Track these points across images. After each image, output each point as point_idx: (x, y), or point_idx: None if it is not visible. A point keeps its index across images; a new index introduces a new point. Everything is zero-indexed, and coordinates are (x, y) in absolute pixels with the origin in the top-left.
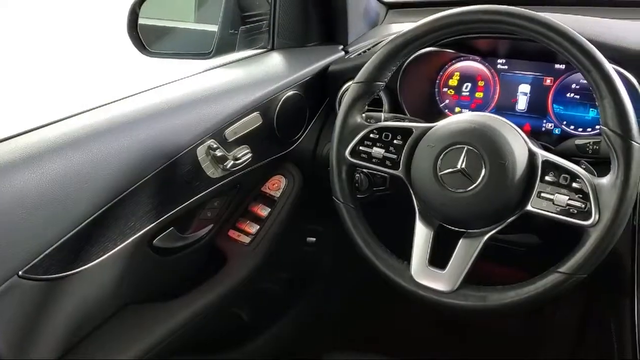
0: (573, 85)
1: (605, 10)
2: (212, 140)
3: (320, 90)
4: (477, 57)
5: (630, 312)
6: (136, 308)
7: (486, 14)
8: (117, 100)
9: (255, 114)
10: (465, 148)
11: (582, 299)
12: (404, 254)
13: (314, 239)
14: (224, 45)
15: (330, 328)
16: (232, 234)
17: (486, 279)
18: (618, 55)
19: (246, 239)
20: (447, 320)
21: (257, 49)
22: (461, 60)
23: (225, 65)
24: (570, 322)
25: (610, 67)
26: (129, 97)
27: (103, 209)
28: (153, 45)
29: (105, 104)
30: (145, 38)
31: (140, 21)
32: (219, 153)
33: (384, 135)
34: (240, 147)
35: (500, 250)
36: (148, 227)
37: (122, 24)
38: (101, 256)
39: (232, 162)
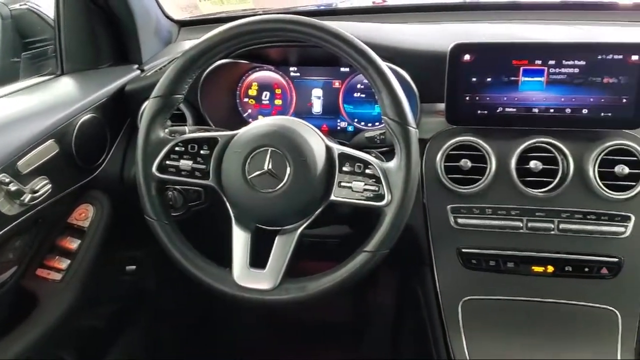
0: (358, 86)
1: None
2: (3, 174)
3: (119, 111)
4: (271, 67)
5: (432, 279)
6: None
7: (271, 22)
8: None
9: (50, 142)
10: (270, 150)
11: (396, 280)
12: (230, 261)
13: (134, 267)
14: (6, 75)
15: (165, 352)
16: (41, 272)
17: (309, 275)
18: (390, 54)
19: (57, 276)
20: (280, 320)
21: (45, 75)
22: (257, 71)
23: (9, 94)
24: (389, 303)
25: (383, 64)
26: None
27: None
28: None
29: None
30: None
31: None
32: (13, 187)
33: (190, 147)
34: (38, 178)
35: (317, 246)
36: None
37: None
38: None
39: (29, 195)
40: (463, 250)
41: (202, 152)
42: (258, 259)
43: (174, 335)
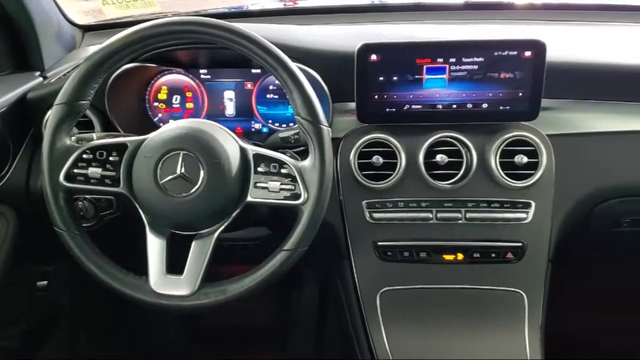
0: (270, 87)
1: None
2: None
3: (21, 120)
4: (180, 70)
5: (351, 275)
6: None
7: (176, 25)
8: None
9: None
10: (182, 153)
11: (318, 279)
12: (147, 269)
13: (46, 282)
14: None
15: None
16: None
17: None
18: (300, 54)
19: None
20: (204, 325)
21: None
22: (166, 74)
23: None
24: (312, 301)
25: (293, 65)
26: None
27: None
28: None
29: None
30: None
31: None
32: None
33: (98, 154)
34: None
35: (237, 249)
36: None
37: None
38: None
39: None
40: (379, 243)
41: (111, 158)
42: (177, 265)
43: (93, 348)
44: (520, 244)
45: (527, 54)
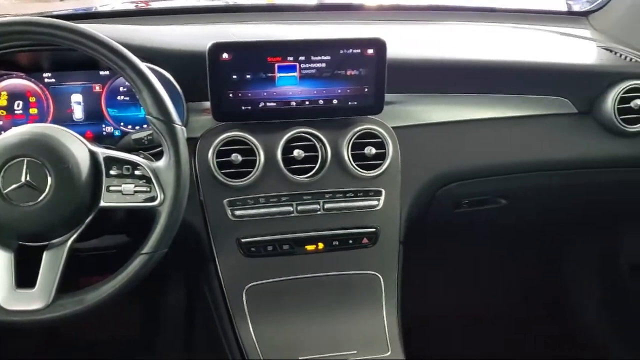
0: (121, 88)
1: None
2: None
3: None
4: (21, 74)
5: (216, 274)
6: None
7: (13, 25)
8: None
9: None
10: (25, 160)
11: (184, 282)
12: None
13: None
14: None
15: None
16: None
17: None
18: (149, 54)
19: None
20: (64, 339)
21: None
22: (5, 79)
23: None
24: (179, 305)
25: (141, 64)
26: None
27: None
28: None
29: None
30: None
31: None
32: None
33: None
34: None
35: (96, 259)
36: None
37: None
38: None
39: None
40: (242, 240)
41: None
42: (30, 278)
43: None
44: (374, 229)
45: (370, 51)
